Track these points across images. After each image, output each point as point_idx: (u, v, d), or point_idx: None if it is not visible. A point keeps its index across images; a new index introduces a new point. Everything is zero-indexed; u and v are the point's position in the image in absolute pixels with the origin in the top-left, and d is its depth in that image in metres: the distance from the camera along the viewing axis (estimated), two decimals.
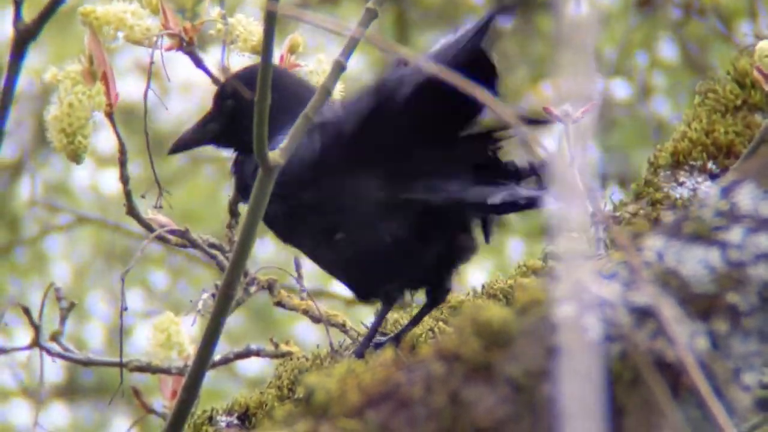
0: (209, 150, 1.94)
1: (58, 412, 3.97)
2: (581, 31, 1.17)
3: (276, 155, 1.48)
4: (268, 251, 3.83)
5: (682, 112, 2.13)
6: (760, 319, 1.26)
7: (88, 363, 2.05)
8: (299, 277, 1.96)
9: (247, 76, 1.82)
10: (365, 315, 2.07)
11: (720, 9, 3.51)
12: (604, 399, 1.21)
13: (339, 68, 1.49)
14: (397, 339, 1.83)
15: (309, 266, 1.92)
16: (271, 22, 1.45)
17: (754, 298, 1.26)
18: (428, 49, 1.72)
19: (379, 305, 1.89)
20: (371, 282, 1.78)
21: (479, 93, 1.21)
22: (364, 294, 1.81)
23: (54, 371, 3.81)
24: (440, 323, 1.88)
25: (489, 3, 4.06)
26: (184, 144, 1.91)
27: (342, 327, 1.96)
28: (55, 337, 2.03)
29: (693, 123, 2.06)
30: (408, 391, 1.24)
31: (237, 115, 1.85)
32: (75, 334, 3.99)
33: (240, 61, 1.96)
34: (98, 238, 4.12)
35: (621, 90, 3.97)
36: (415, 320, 1.85)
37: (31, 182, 4.09)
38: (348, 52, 1.49)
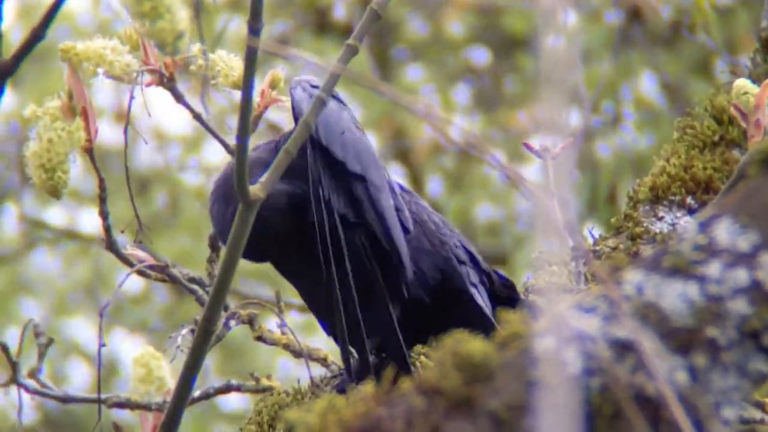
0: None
1: None
2: (561, 68, 1.18)
3: (257, 189, 1.48)
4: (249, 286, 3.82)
5: (661, 148, 2.15)
6: (739, 353, 1.27)
7: (66, 399, 2.04)
8: (280, 311, 1.96)
9: None
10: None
11: (708, 27, 3.55)
12: None
13: (320, 104, 1.50)
14: (377, 371, 1.84)
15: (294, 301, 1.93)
16: (252, 57, 1.46)
17: (733, 333, 1.27)
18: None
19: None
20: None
21: (463, 130, 1.21)
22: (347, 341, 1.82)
23: (29, 409, 3.78)
24: (421, 357, 1.88)
25: (470, 38, 4.10)
26: None
27: (323, 362, 1.95)
28: (32, 374, 2.02)
29: (672, 158, 2.09)
30: (389, 426, 1.23)
31: None
32: (60, 369, 3.96)
33: (221, 96, 1.97)
34: (81, 273, 4.11)
35: (599, 125, 4.01)
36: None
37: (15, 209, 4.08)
38: (329, 87, 1.50)
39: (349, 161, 1.78)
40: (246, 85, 1.48)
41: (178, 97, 1.96)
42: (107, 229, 1.96)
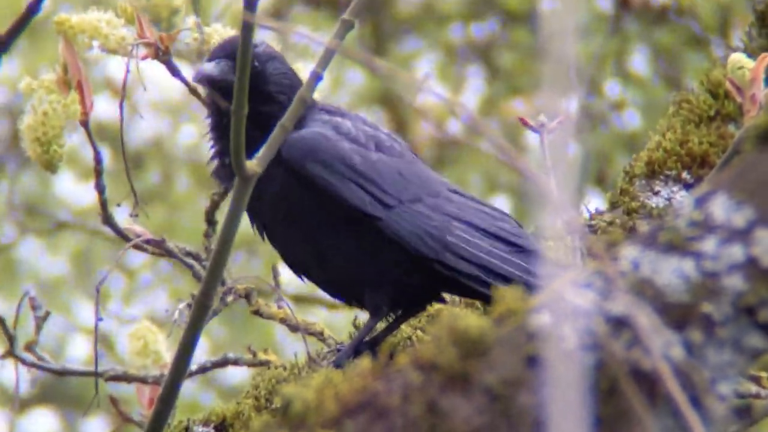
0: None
1: (40, 418, 3.95)
2: (560, 43, 1.18)
3: (253, 164, 1.48)
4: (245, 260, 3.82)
5: (653, 124, 2.15)
6: (734, 329, 1.27)
7: (63, 373, 2.04)
8: (277, 285, 1.96)
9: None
10: (345, 322, 2.07)
11: (696, 11, 3.54)
12: (585, 408, 1.21)
13: (316, 78, 1.49)
14: (373, 346, 1.84)
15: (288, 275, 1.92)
16: (248, 32, 1.46)
17: (728, 308, 1.27)
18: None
19: (360, 316, 1.90)
20: (377, 280, 1.77)
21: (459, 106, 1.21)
22: (354, 294, 1.81)
23: (28, 380, 3.78)
24: (418, 332, 1.89)
25: (467, 13, 4.08)
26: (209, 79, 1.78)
27: (320, 336, 1.96)
28: (29, 347, 2.02)
29: (668, 133, 2.08)
30: (385, 401, 1.24)
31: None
32: (58, 342, 3.97)
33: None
34: (75, 247, 4.10)
35: (595, 101, 4.01)
36: (392, 328, 1.86)
37: (9, 188, 4.06)
38: (324, 63, 1.50)
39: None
40: (242, 59, 1.47)
41: (174, 71, 1.95)
42: (103, 204, 1.96)
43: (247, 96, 1.47)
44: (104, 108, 3.61)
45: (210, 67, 1.79)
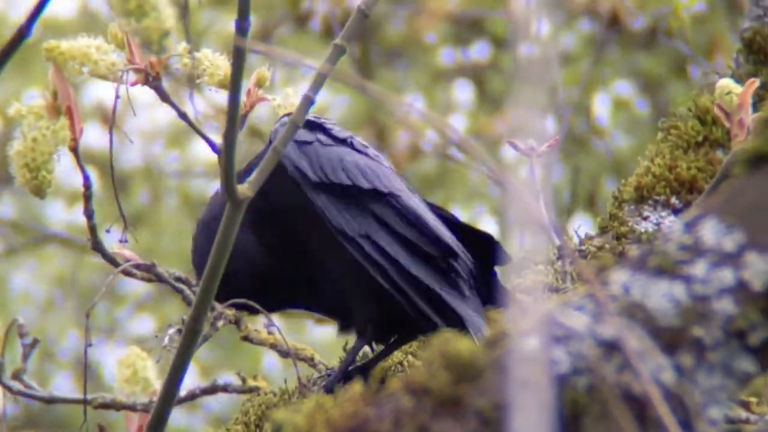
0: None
1: None
2: (539, 68, 1.19)
3: (244, 188, 1.48)
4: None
5: (640, 150, 2.16)
6: (725, 353, 1.28)
7: (51, 400, 2.03)
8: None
9: None
10: (333, 344, 2.06)
11: (684, 33, 3.57)
12: None
13: (308, 103, 1.50)
14: (364, 371, 1.84)
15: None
16: (239, 57, 1.46)
17: (718, 333, 1.28)
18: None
19: (351, 341, 1.90)
20: (368, 308, 1.78)
21: (449, 127, 1.22)
22: (348, 319, 1.82)
23: (10, 408, 3.75)
24: (409, 356, 1.89)
25: (444, 38, 4.11)
26: None
27: (310, 361, 1.95)
28: (17, 375, 2.00)
29: (656, 159, 2.10)
30: (377, 426, 1.24)
31: None
32: (41, 368, 3.94)
33: (207, 95, 1.97)
34: (61, 273, 4.09)
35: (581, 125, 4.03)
36: (385, 353, 1.86)
37: None
38: (316, 87, 1.50)
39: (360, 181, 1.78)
40: (233, 84, 1.48)
41: (164, 96, 1.95)
42: (92, 229, 1.95)
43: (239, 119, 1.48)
44: (93, 137, 3.62)
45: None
